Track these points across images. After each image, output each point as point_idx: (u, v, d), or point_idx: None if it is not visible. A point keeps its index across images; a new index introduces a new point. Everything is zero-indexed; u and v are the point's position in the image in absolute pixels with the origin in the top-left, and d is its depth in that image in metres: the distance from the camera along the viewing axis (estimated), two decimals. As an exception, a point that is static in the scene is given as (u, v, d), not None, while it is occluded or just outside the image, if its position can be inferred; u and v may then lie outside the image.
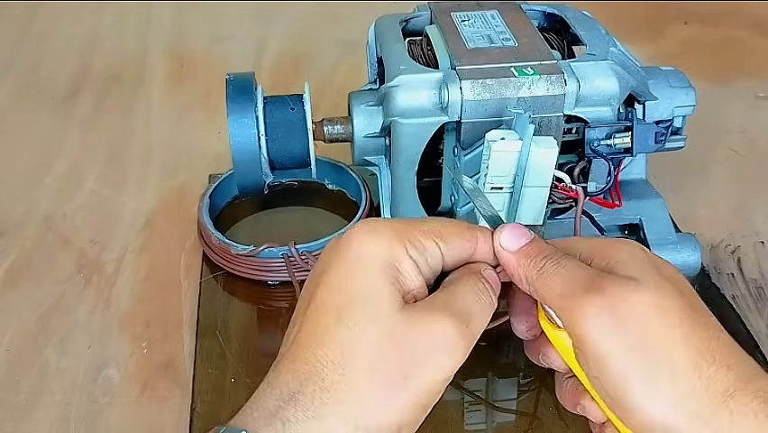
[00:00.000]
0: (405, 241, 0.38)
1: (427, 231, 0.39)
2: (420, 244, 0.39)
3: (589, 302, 0.37)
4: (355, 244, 0.38)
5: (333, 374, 0.36)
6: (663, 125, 0.57)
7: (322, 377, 0.36)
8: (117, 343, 0.58)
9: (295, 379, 0.36)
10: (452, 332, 0.37)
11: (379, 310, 0.37)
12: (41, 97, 0.88)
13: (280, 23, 1.02)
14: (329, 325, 0.37)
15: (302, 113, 0.58)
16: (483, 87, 0.52)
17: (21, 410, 0.53)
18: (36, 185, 0.75)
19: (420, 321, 0.37)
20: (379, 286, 0.37)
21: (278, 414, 0.36)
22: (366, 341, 0.36)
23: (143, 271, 0.64)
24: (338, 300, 0.38)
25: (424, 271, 0.39)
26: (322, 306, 0.38)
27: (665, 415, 0.36)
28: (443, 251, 0.40)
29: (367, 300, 0.37)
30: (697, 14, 1.01)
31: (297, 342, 0.38)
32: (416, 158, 0.55)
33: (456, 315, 0.38)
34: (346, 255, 0.38)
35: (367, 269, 0.38)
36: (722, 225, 0.68)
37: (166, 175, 0.76)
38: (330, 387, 0.36)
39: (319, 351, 0.37)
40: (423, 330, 0.37)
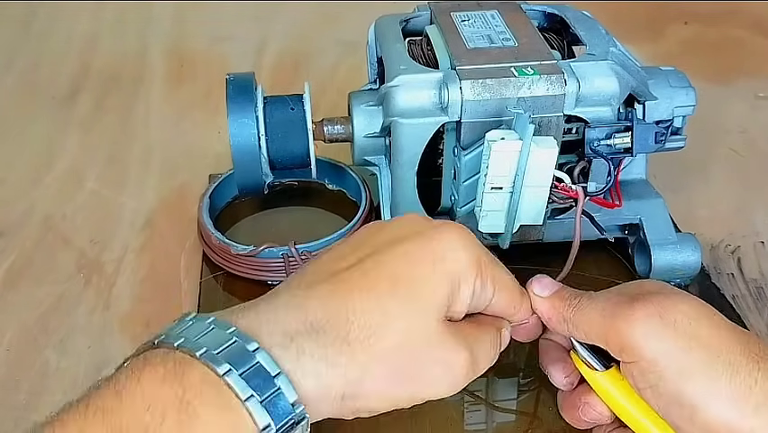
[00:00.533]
0: (479, 270, 0.40)
1: (496, 276, 0.41)
2: (486, 281, 0.40)
3: (636, 311, 0.39)
4: (445, 241, 0.39)
5: (360, 334, 0.36)
6: (663, 125, 0.57)
7: (348, 329, 0.36)
8: (117, 343, 0.58)
9: (324, 314, 0.36)
10: (463, 369, 0.39)
11: (429, 310, 0.38)
12: (41, 97, 0.88)
13: (280, 23, 1.02)
14: (381, 289, 0.37)
15: (302, 113, 0.58)
16: (483, 87, 0.52)
17: (21, 410, 0.53)
18: (36, 185, 0.75)
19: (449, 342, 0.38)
20: (442, 290, 0.38)
21: (296, 339, 0.35)
22: (402, 326, 0.37)
23: (143, 271, 0.64)
24: (402, 274, 0.38)
25: (471, 303, 0.40)
26: (385, 266, 0.38)
27: (729, 410, 0.37)
28: (493, 300, 0.42)
29: (426, 294, 0.38)
30: (697, 14, 1.01)
31: (339, 278, 0.38)
32: (416, 158, 0.55)
33: (473, 357, 0.39)
34: (433, 242, 0.39)
35: (443, 268, 0.39)
36: (722, 225, 0.68)
37: (166, 175, 0.76)
38: (352, 342, 0.36)
39: (359, 304, 0.37)
40: (446, 351, 0.38)
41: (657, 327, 0.38)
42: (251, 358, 0.34)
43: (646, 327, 0.38)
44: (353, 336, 0.36)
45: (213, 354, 0.33)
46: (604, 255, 0.62)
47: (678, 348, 0.38)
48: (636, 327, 0.39)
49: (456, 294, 0.39)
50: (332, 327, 0.36)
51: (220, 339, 0.34)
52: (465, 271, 0.39)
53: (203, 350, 0.34)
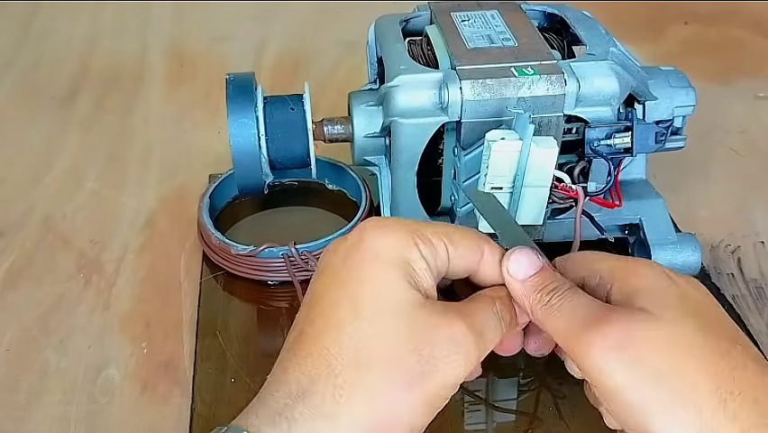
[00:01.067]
0: (416, 239, 0.38)
1: (437, 232, 0.39)
2: (430, 244, 0.38)
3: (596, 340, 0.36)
4: (368, 239, 0.38)
5: (348, 371, 0.35)
6: (663, 125, 0.57)
7: (335, 374, 0.35)
8: (117, 343, 0.58)
9: (306, 376, 0.35)
10: (470, 338, 0.37)
11: (399, 303, 0.36)
12: (41, 97, 0.88)
13: (280, 23, 1.02)
14: (344, 320, 0.36)
15: (302, 113, 0.58)
16: (483, 87, 0.52)
17: (21, 410, 0.53)
18: (36, 185, 0.75)
19: (441, 319, 0.37)
20: (397, 280, 0.37)
21: (284, 413, 0.35)
22: (386, 334, 0.36)
23: (143, 271, 0.64)
24: (354, 294, 0.37)
25: (433, 271, 0.39)
26: (336, 301, 0.37)
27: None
28: (450, 253, 0.39)
29: (385, 294, 0.36)
30: (697, 14, 1.01)
31: (304, 339, 0.37)
32: (416, 158, 0.55)
33: (472, 324, 0.37)
34: (359, 251, 0.38)
35: (383, 263, 0.37)
36: (722, 225, 0.68)
37: (166, 175, 0.76)
38: (344, 384, 0.35)
39: (333, 347, 0.36)
40: (444, 328, 0.36)
41: (616, 359, 0.35)
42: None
43: (604, 358, 0.35)
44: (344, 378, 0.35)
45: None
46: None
47: (638, 382, 0.35)
48: (595, 357, 0.36)
49: (413, 273, 0.37)
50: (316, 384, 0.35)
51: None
52: (403, 249, 0.38)
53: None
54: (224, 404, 0.52)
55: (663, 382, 0.35)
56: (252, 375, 0.54)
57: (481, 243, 0.41)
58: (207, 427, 0.50)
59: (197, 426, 0.51)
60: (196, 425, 0.51)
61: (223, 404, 0.52)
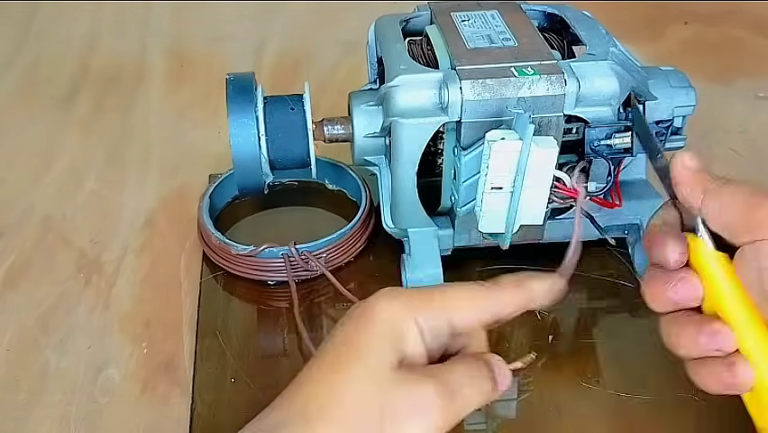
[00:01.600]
0: (416, 311, 0.40)
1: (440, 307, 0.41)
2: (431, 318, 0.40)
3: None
4: (375, 307, 0.40)
5: (317, 414, 0.38)
6: (663, 125, 0.57)
7: (307, 416, 0.38)
8: (117, 343, 0.58)
9: (281, 414, 0.39)
10: (431, 400, 0.38)
11: (373, 366, 0.38)
12: (41, 97, 0.88)
13: (280, 23, 1.02)
14: (325, 371, 0.39)
15: (302, 113, 0.58)
16: (483, 87, 0.52)
17: (21, 410, 0.53)
18: (36, 185, 0.75)
19: (406, 383, 0.38)
20: (379, 344, 0.39)
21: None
22: (354, 391, 0.38)
23: (143, 271, 0.64)
24: (339, 351, 0.40)
25: (427, 340, 0.40)
26: (324, 354, 0.40)
27: None
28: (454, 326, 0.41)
29: (364, 355, 0.39)
30: (697, 14, 1.01)
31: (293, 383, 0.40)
32: (416, 158, 0.55)
33: (441, 384, 0.38)
34: (363, 316, 0.40)
35: (372, 327, 0.39)
36: (722, 225, 0.68)
37: (166, 175, 0.76)
38: (312, 422, 0.38)
39: (311, 391, 0.39)
40: (405, 391, 0.38)
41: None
42: None
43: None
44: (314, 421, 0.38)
45: None
46: (604, 255, 0.62)
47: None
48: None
49: (401, 339, 0.39)
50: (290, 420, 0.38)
51: None
52: (397, 316, 0.40)
53: None
54: (224, 404, 0.52)
55: None
56: (252, 375, 0.54)
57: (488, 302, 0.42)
58: (207, 427, 0.51)
59: (197, 426, 0.51)
60: (196, 425, 0.51)
61: (223, 404, 0.52)
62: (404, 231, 0.59)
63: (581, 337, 0.57)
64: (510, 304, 0.42)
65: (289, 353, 0.57)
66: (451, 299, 0.41)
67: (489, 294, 0.42)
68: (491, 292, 0.42)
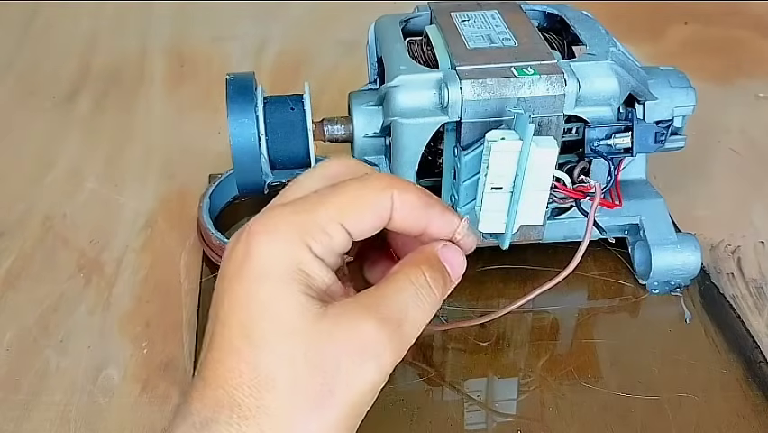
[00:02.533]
0: (306, 238, 0.34)
1: (329, 217, 0.35)
2: (324, 235, 0.34)
3: None
4: (255, 250, 0.34)
5: (249, 399, 0.33)
6: (663, 125, 0.57)
7: (238, 403, 0.33)
8: (117, 343, 0.58)
9: (207, 407, 0.33)
10: (376, 338, 0.33)
11: (291, 323, 0.33)
12: (41, 97, 0.88)
13: (280, 23, 1.02)
14: (236, 345, 0.34)
15: (302, 113, 0.58)
16: (483, 87, 0.52)
17: (21, 410, 0.53)
18: (36, 185, 0.75)
19: (340, 328, 0.33)
20: (287, 297, 0.33)
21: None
22: (281, 359, 0.33)
23: (143, 271, 0.64)
24: (242, 318, 0.34)
25: (331, 262, 0.35)
26: (227, 323, 0.34)
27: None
28: (350, 231, 0.35)
29: (275, 315, 0.33)
30: (697, 14, 1.01)
31: (206, 364, 0.35)
32: (416, 158, 0.55)
33: (383, 317, 0.34)
34: (247, 265, 0.34)
35: (270, 280, 0.34)
36: (722, 225, 0.68)
37: (166, 175, 0.76)
38: (248, 414, 0.33)
39: (230, 375, 0.33)
40: (343, 338, 0.33)
41: None
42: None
43: None
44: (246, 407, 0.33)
45: None
46: (604, 255, 0.62)
47: None
48: None
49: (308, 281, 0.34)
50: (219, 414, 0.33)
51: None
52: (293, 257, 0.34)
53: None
54: (224, 404, 0.52)
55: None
56: (252, 375, 0.54)
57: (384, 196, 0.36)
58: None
59: (197, 426, 0.51)
60: (196, 425, 0.51)
61: (223, 404, 0.52)
62: (404, 231, 0.59)
63: (581, 337, 0.57)
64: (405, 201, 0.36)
65: (289, 353, 0.57)
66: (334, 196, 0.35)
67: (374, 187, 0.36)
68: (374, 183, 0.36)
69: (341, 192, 0.35)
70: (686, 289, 0.60)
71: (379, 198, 0.35)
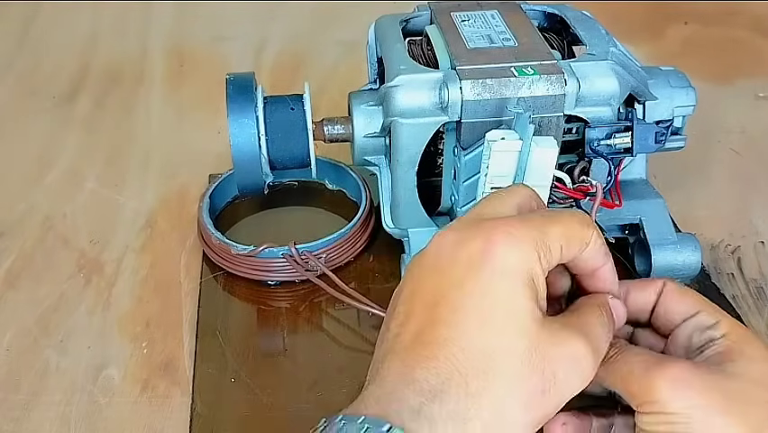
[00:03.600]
0: (540, 252, 0.38)
1: (558, 237, 0.39)
2: (549, 253, 0.39)
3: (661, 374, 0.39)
4: (498, 253, 0.37)
5: (477, 380, 0.36)
6: (663, 125, 0.57)
7: (466, 381, 0.36)
8: (117, 343, 0.58)
9: (436, 377, 0.36)
10: (587, 356, 0.38)
11: (525, 324, 0.37)
12: (41, 97, 0.88)
13: (280, 23, 1.02)
14: (471, 331, 0.37)
15: (302, 113, 0.58)
16: (483, 87, 0.52)
17: (21, 410, 0.53)
18: (36, 185, 0.75)
19: (562, 340, 0.37)
20: (523, 300, 0.37)
21: (422, 411, 0.35)
22: (512, 353, 0.36)
23: (143, 271, 0.64)
24: (481, 307, 0.37)
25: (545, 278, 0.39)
26: (461, 309, 0.37)
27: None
28: (564, 255, 0.40)
29: (512, 312, 0.37)
30: (697, 14, 1.01)
31: (427, 340, 0.37)
32: (416, 158, 0.55)
33: (590, 340, 0.38)
34: (488, 262, 0.37)
35: (511, 279, 0.37)
36: (722, 225, 0.68)
37: (166, 175, 0.76)
38: (474, 392, 0.36)
39: (461, 354, 0.36)
40: (564, 348, 0.37)
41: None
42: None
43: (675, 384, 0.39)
44: (474, 387, 0.36)
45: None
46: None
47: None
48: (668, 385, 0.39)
49: (535, 288, 0.38)
50: (448, 386, 0.36)
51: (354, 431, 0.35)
52: (530, 267, 0.38)
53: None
54: (224, 404, 0.52)
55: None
56: (252, 375, 0.54)
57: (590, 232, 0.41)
58: (207, 427, 0.51)
59: (197, 426, 0.51)
60: (196, 425, 0.51)
61: (223, 404, 0.52)
62: (404, 231, 0.59)
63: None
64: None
65: (289, 353, 0.57)
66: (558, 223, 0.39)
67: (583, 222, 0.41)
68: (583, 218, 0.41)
69: (560, 219, 0.40)
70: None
71: (586, 232, 0.40)
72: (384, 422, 0.35)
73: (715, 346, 0.41)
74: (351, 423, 0.35)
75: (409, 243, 0.58)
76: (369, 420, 0.35)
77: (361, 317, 0.58)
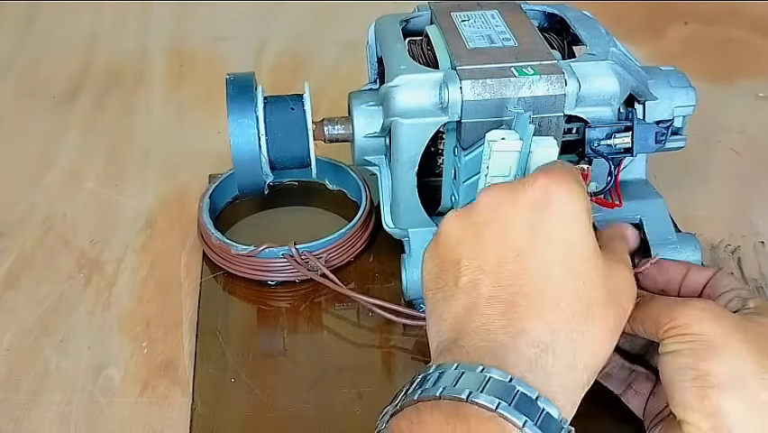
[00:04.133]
0: (584, 188, 0.41)
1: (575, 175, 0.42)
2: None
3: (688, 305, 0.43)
4: (558, 196, 0.40)
5: (578, 326, 0.38)
6: (664, 125, 0.57)
7: (570, 329, 0.38)
8: (117, 343, 0.58)
9: (545, 328, 0.38)
10: (633, 283, 0.42)
11: (597, 264, 0.40)
12: (41, 97, 0.88)
13: (280, 23, 1.02)
14: (561, 280, 0.39)
15: (302, 113, 0.58)
16: (483, 87, 0.52)
17: (21, 410, 0.53)
18: (36, 185, 0.75)
19: (618, 273, 0.42)
20: (591, 241, 0.40)
21: (538, 363, 0.37)
22: (597, 293, 0.39)
23: (143, 271, 0.64)
24: (563, 255, 0.40)
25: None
26: (548, 259, 0.40)
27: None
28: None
29: (586, 255, 0.40)
30: (697, 14, 1.01)
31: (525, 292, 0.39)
32: (416, 158, 0.55)
33: (630, 269, 0.43)
34: (553, 209, 0.40)
35: (579, 225, 0.40)
36: (722, 225, 0.68)
37: (166, 175, 0.76)
38: (577, 338, 0.38)
39: (563, 303, 0.39)
40: (622, 280, 0.42)
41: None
42: (512, 389, 0.36)
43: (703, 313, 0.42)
44: (577, 333, 0.38)
45: (478, 393, 0.36)
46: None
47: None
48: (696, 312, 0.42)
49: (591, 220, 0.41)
50: (558, 336, 0.38)
51: (475, 380, 0.36)
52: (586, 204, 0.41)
53: (467, 392, 0.36)
54: (224, 404, 0.52)
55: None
56: (252, 375, 0.54)
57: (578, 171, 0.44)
58: (207, 427, 0.51)
59: (197, 426, 0.51)
60: (196, 425, 0.51)
61: (223, 404, 0.52)
62: (404, 231, 0.59)
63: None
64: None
65: (289, 353, 0.57)
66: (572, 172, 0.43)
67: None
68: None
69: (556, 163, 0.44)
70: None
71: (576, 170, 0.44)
72: (506, 374, 0.36)
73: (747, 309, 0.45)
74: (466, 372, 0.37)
75: (409, 243, 0.58)
76: (490, 371, 0.36)
77: (362, 317, 0.58)
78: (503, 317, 0.39)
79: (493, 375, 0.36)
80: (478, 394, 0.35)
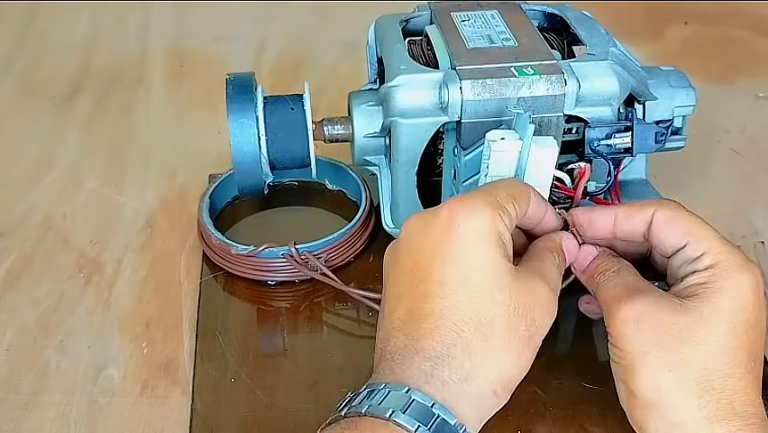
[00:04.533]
0: (498, 212, 0.42)
1: (507, 196, 0.43)
2: (507, 213, 0.43)
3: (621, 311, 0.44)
4: (463, 221, 0.42)
5: (477, 341, 0.40)
6: (663, 125, 0.57)
7: (467, 342, 0.40)
8: (117, 343, 0.58)
9: (441, 345, 0.40)
10: (550, 295, 0.43)
11: (502, 280, 0.41)
12: (41, 97, 0.88)
13: (280, 23, 1.02)
14: (461, 299, 0.41)
15: (302, 113, 0.58)
16: (483, 87, 0.52)
17: (21, 410, 0.53)
18: (36, 185, 0.75)
19: (532, 287, 0.42)
20: (497, 259, 0.41)
21: (434, 374, 0.40)
22: (499, 309, 0.41)
23: (143, 271, 0.64)
24: (464, 275, 0.41)
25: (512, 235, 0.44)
26: (449, 281, 0.41)
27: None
28: (518, 213, 0.44)
29: (491, 274, 0.41)
30: (697, 14, 1.01)
31: (424, 314, 0.41)
32: (416, 158, 0.55)
33: (549, 282, 0.43)
34: (459, 231, 0.42)
35: (483, 245, 0.41)
36: (722, 225, 0.67)
37: (166, 175, 0.76)
38: (477, 351, 0.40)
39: (459, 321, 0.41)
40: (536, 295, 0.42)
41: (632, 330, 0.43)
42: (407, 398, 0.39)
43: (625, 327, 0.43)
44: (475, 347, 0.40)
45: (377, 406, 0.39)
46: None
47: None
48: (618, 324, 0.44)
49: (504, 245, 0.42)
50: (453, 351, 0.40)
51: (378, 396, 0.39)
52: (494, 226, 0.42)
53: (366, 406, 0.39)
54: (224, 404, 0.52)
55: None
56: (252, 375, 0.54)
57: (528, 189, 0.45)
58: (207, 427, 0.51)
59: (197, 426, 0.51)
60: (196, 425, 0.51)
61: (223, 404, 0.52)
62: (404, 231, 0.59)
63: (582, 338, 0.57)
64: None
65: (289, 353, 0.57)
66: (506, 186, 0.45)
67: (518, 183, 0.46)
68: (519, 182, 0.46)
69: (499, 184, 0.45)
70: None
71: (526, 189, 0.45)
72: (403, 386, 0.39)
73: (694, 278, 0.44)
74: (375, 390, 0.40)
75: (409, 243, 0.58)
76: (390, 386, 0.39)
77: (362, 316, 0.58)
78: (407, 337, 0.41)
79: (392, 389, 0.39)
80: (376, 407, 0.39)
